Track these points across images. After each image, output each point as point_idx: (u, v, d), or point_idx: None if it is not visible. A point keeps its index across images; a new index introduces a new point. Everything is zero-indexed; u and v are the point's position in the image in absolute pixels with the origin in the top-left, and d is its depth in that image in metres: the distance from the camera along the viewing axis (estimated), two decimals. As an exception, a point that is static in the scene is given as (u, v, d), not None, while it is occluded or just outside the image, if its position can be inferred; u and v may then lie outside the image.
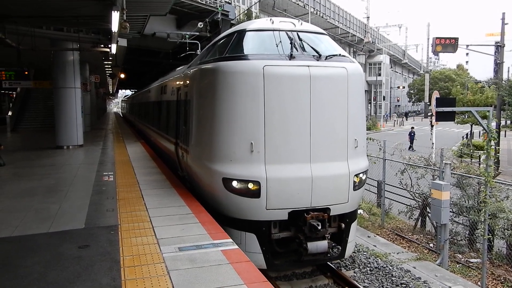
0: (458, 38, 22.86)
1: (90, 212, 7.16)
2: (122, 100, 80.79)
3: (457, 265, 9.76)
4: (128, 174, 10.63)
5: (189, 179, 8.85)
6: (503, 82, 30.14)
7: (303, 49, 7.25)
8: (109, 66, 25.49)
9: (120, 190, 8.75)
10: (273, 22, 7.64)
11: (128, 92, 77.23)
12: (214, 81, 7.14)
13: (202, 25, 21.13)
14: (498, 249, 10.52)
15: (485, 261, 9.05)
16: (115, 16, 10.38)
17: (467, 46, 25.97)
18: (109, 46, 15.88)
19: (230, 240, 5.74)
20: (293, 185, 6.78)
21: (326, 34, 8.26)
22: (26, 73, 18.34)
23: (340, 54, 7.44)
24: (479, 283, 8.88)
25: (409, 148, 25.57)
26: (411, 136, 30.43)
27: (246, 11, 34.27)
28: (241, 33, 7.64)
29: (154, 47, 29.46)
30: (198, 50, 20.43)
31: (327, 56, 7.18)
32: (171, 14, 25.07)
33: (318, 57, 7.09)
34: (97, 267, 4.86)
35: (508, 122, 47.14)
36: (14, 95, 32.91)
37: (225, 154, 6.92)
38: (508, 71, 42.27)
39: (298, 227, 6.94)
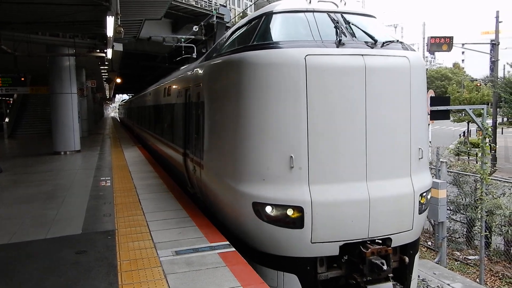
0: (453, 37, 22.90)
1: (88, 218, 7.17)
2: (119, 105, 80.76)
3: (456, 263, 9.82)
4: (125, 179, 10.65)
5: (204, 199, 7.43)
6: (498, 79, 30.27)
7: (352, 34, 5.77)
8: (106, 71, 25.50)
9: (117, 195, 8.77)
10: (310, 2, 6.07)
11: (125, 97, 77.22)
12: (239, 77, 5.63)
13: (197, 29, 21.14)
14: (496, 246, 10.58)
15: (483, 258, 9.11)
16: (110, 21, 10.39)
17: (463, 44, 26.06)
18: (105, 51, 15.91)
19: (227, 242, 5.76)
20: (346, 210, 5.32)
21: (375, 17, 6.64)
22: (23, 79, 18.36)
23: (398, 40, 5.97)
24: (477, 280, 8.93)
25: None
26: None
27: (241, 14, 34.39)
28: (271, 16, 6.05)
29: (150, 51, 29.46)
30: (194, 54, 20.47)
31: (384, 43, 5.67)
32: (167, 18, 25.09)
33: (373, 43, 5.60)
34: (94, 272, 4.88)
35: (505, 119, 47.32)
36: (11, 102, 32.90)
37: (255, 171, 5.47)
38: (504, 69, 42.43)
39: (352, 263, 5.51)
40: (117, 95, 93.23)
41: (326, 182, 5.33)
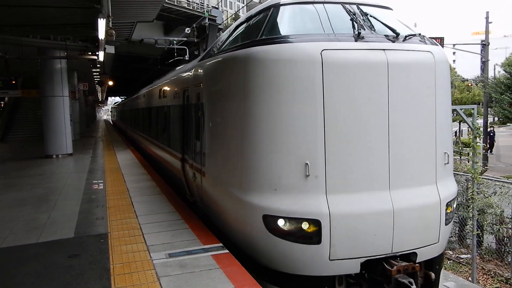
0: (444, 37, 23.11)
1: (80, 221, 7.14)
2: (112, 107, 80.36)
3: (448, 262, 9.87)
4: (118, 182, 10.61)
5: (205, 209, 6.93)
6: (489, 80, 30.57)
7: (370, 27, 5.28)
8: (98, 73, 25.40)
9: (110, 198, 8.74)
10: None
11: (118, 99, 76.92)
12: (247, 75, 5.11)
13: (190, 31, 21.12)
14: (488, 244, 10.67)
15: (475, 257, 9.18)
16: (101, 23, 10.37)
17: (454, 45, 26.32)
18: (97, 53, 15.84)
19: (220, 244, 5.75)
20: (368, 223, 4.81)
21: (391, 9, 6.18)
22: (14, 82, 18.22)
23: (419, 34, 5.44)
24: (469, 279, 9.00)
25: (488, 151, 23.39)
26: (491, 136, 27.61)
27: (233, 16, 34.41)
28: (279, 7, 5.57)
29: (143, 53, 29.38)
30: (186, 56, 20.45)
31: (406, 36, 5.16)
32: (159, 20, 25.04)
33: (395, 37, 5.08)
34: (87, 276, 4.86)
35: (496, 119, 47.75)
36: (2, 105, 32.64)
37: (266, 180, 4.95)
38: (494, 69, 42.86)
39: (374, 282, 4.98)
40: (109, 98, 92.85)
41: (346, 192, 4.82)
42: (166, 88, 11.04)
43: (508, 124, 38.84)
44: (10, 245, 6.09)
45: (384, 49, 4.89)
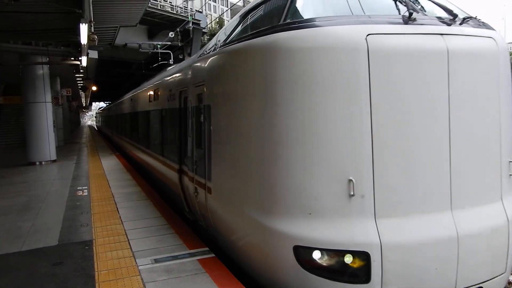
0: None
1: (64, 228, 7.05)
2: (96, 112, 79.53)
3: None
4: (102, 188, 10.51)
5: (212, 232, 5.87)
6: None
7: (420, 8, 4.32)
8: (81, 78, 25.16)
9: (94, 204, 8.65)
10: None
11: (102, 105, 76.23)
12: (269, 69, 4.12)
13: (174, 35, 21.10)
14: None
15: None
16: (83, 28, 10.29)
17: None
18: (80, 58, 15.71)
19: (207, 248, 5.74)
20: (428, 253, 3.84)
21: None
22: (-5, 89, 17.97)
23: (476, 17, 4.49)
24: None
25: None
26: None
27: (217, 19, 34.44)
28: None
29: (127, 58, 29.23)
30: (170, 60, 20.40)
31: (464, 19, 4.19)
32: (142, 25, 24.97)
33: (451, 19, 4.11)
34: (71, 284, 4.80)
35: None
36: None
37: (298, 202, 3.98)
38: None
39: None
40: (93, 103, 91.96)
41: (399, 215, 3.84)
42: (158, 90, 9.89)
43: None
44: (-8, 254, 5.99)
45: (442, 34, 3.93)
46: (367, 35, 3.77)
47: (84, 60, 15.39)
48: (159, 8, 26.18)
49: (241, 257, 4.91)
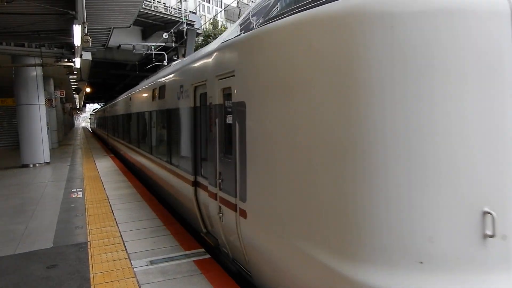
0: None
1: (58, 231, 7.00)
2: (91, 114, 79.17)
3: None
4: (97, 190, 10.46)
5: (247, 267, 4.66)
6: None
7: None
8: (75, 80, 25.03)
9: (89, 207, 8.60)
10: None
11: (97, 106, 75.94)
12: (355, 45, 2.89)
13: (168, 36, 21.06)
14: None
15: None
16: (77, 29, 10.23)
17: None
18: (73, 60, 15.62)
19: (202, 249, 5.72)
20: None
21: None
22: (-13, 91, 17.83)
23: None
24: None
25: None
26: None
27: (211, 20, 34.42)
28: None
29: (121, 59, 29.14)
30: (165, 61, 20.36)
31: None
32: (136, 26, 24.89)
33: None
34: (66, 286, 4.76)
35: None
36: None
37: (401, 244, 2.77)
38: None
39: None
40: (87, 105, 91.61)
41: None
42: (164, 87, 8.48)
43: None
44: (-14, 257, 5.94)
45: None
46: None
47: (77, 62, 15.30)
48: (152, 9, 26.11)
49: None
